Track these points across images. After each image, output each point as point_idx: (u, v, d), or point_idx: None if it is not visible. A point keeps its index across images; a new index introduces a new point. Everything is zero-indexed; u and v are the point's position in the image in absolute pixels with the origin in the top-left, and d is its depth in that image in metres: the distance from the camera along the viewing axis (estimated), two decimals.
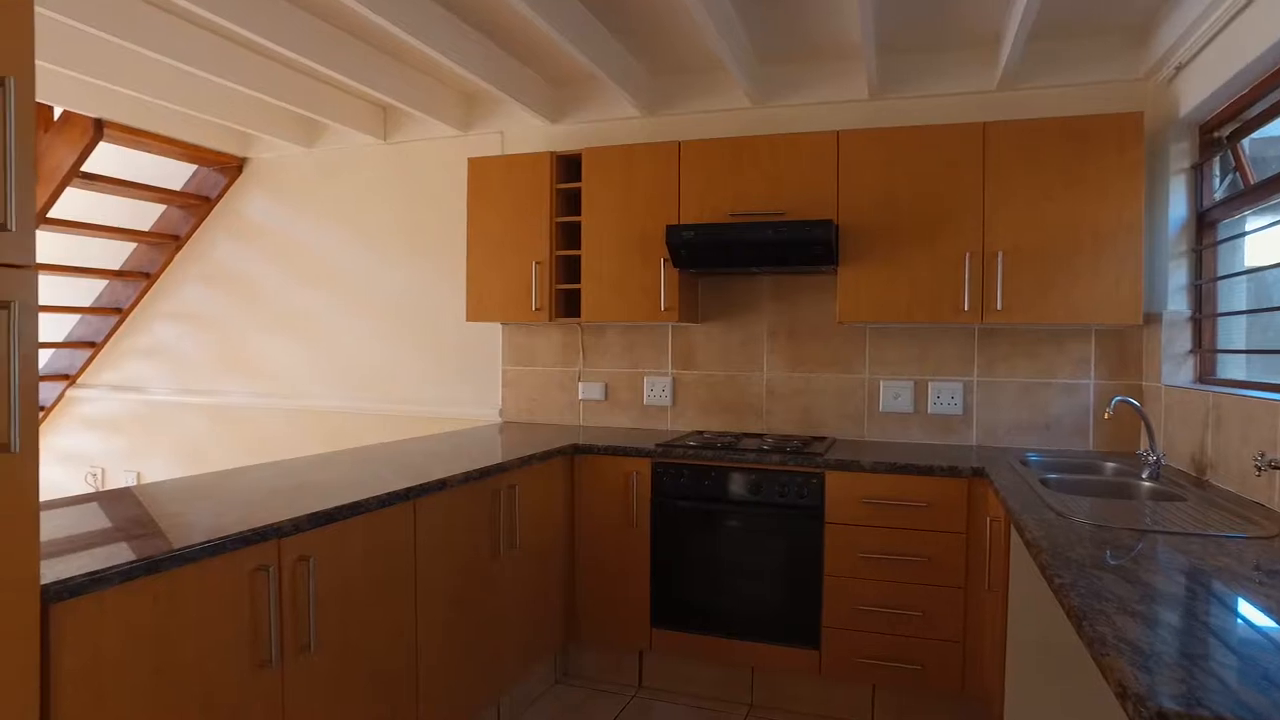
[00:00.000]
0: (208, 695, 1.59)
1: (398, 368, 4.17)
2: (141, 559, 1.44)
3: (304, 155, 4.37)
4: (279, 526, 1.72)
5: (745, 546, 3.00)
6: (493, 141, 3.97)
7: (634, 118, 3.74)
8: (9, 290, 1.19)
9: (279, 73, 3.53)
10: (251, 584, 1.67)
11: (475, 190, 3.63)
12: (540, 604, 2.95)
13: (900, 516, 2.79)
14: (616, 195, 3.41)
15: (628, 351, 3.75)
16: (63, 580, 1.30)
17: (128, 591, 1.42)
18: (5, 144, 1.17)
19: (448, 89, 3.85)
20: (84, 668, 1.35)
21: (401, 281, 4.16)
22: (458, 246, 4.01)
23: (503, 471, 2.63)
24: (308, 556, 1.80)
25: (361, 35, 3.25)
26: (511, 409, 3.95)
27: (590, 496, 3.18)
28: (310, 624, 1.81)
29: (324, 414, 4.32)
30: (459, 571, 2.43)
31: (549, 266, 3.50)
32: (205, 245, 4.61)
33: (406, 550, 2.18)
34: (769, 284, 3.57)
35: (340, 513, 1.89)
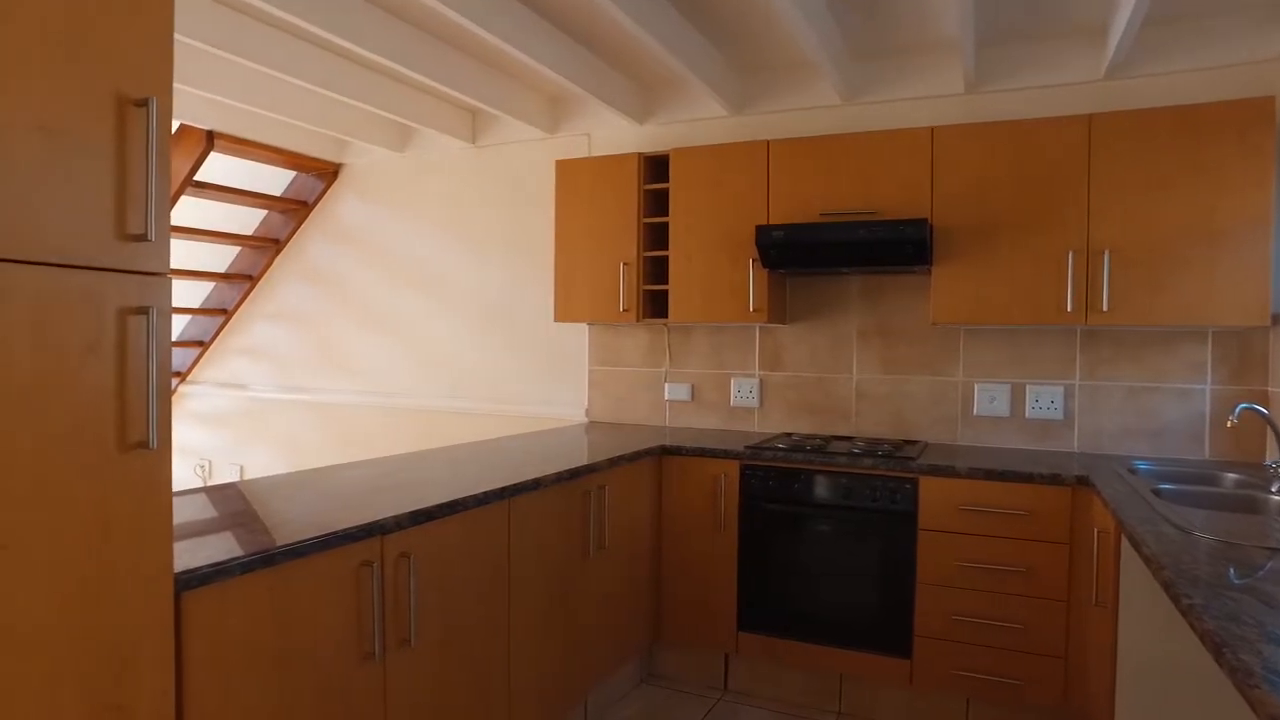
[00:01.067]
0: (318, 684, 1.65)
1: (487, 367, 4.26)
2: (258, 552, 1.50)
3: (396, 159, 4.51)
4: (382, 523, 1.77)
5: (835, 551, 2.95)
6: (579, 143, 4.01)
7: (721, 117, 3.72)
8: (148, 296, 1.26)
9: (373, 80, 3.64)
10: (357, 579, 1.73)
11: (563, 192, 3.67)
12: (627, 604, 2.97)
13: (999, 525, 2.69)
14: (704, 195, 3.40)
15: (715, 352, 3.74)
16: (191, 570, 1.37)
17: (246, 583, 1.48)
18: (148, 160, 1.24)
19: (535, 92, 3.91)
20: (210, 654, 1.42)
21: (490, 282, 4.24)
22: (545, 247, 4.07)
23: (593, 472, 2.65)
24: (409, 553, 1.85)
25: (452, 41, 3.32)
26: (598, 409, 3.99)
27: (677, 498, 3.18)
28: (411, 619, 1.86)
29: (416, 411, 4.44)
30: (550, 570, 2.46)
31: (636, 267, 3.51)
32: (303, 248, 4.80)
33: (501, 548, 2.22)
34: (859, 284, 3.50)
35: (439, 511, 1.94)
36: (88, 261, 1.19)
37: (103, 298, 1.21)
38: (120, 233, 1.23)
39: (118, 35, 1.23)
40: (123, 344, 1.23)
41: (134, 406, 1.24)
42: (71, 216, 1.17)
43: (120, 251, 1.23)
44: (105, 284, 1.21)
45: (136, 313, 1.24)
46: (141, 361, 1.25)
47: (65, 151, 1.17)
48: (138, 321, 1.25)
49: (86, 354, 1.19)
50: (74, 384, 1.18)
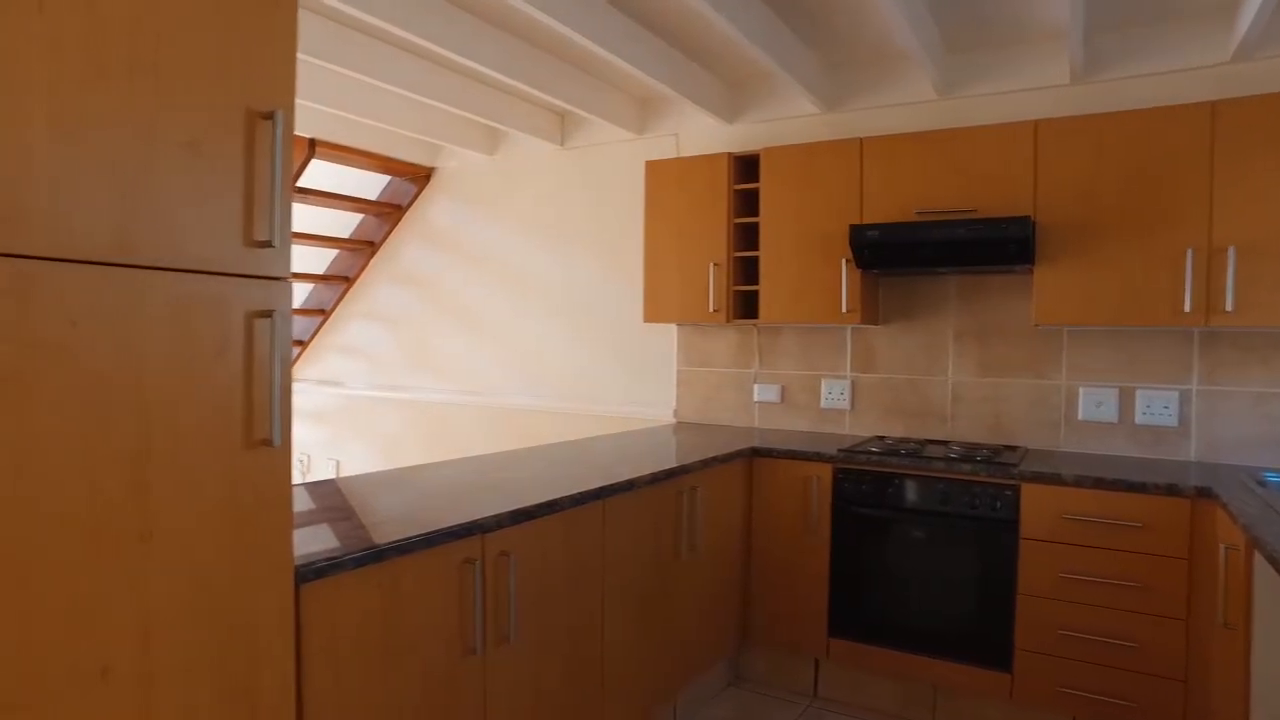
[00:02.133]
0: (423, 677, 1.69)
1: (574, 367, 4.30)
2: (370, 548, 1.55)
3: (486, 163, 4.59)
4: (483, 522, 1.81)
5: (930, 558, 2.86)
6: (668, 144, 4.01)
7: (812, 115, 3.65)
8: (271, 300, 1.31)
9: (465, 85, 3.71)
10: (460, 576, 1.76)
11: (652, 192, 3.68)
12: (716, 606, 2.95)
13: (1109, 536, 2.57)
14: (796, 195, 3.35)
15: (805, 353, 3.68)
16: (309, 563, 1.42)
17: (358, 577, 1.53)
18: (273, 170, 1.29)
19: (623, 94, 3.92)
20: (326, 644, 1.47)
21: (579, 283, 4.29)
22: (634, 249, 4.08)
23: (686, 473, 2.64)
24: (509, 551, 1.88)
25: (542, 45, 3.35)
26: (686, 409, 3.98)
27: (768, 500, 3.14)
28: (510, 616, 1.89)
29: (505, 410, 4.52)
30: (642, 570, 2.47)
31: (726, 268, 3.49)
32: (397, 250, 4.95)
33: (596, 548, 2.23)
34: (955, 284, 3.39)
35: (538, 510, 1.96)
36: (220, 268, 1.25)
37: (232, 302, 1.26)
38: (248, 239, 1.28)
39: (250, 53, 1.28)
40: (249, 346, 1.29)
41: (259, 405, 1.30)
42: (207, 226, 1.23)
43: (247, 258, 1.29)
44: (234, 289, 1.27)
45: (262, 316, 1.30)
46: (266, 362, 1.30)
47: (204, 165, 1.22)
48: (263, 324, 1.30)
49: (218, 355, 1.25)
50: (207, 383, 1.24)
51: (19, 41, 1.03)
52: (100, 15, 1.11)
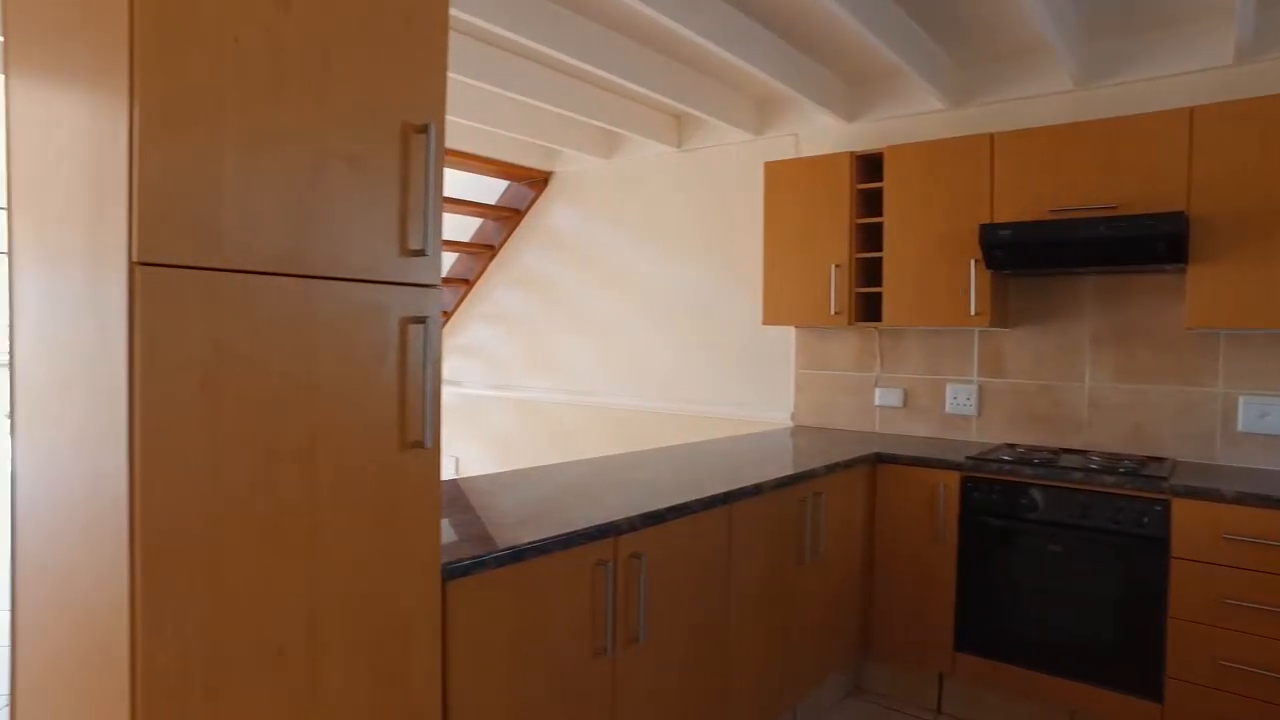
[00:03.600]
0: (555, 674, 1.73)
1: (690, 368, 4.30)
2: (510, 547, 1.59)
3: (603, 166, 4.66)
4: (617, 524, 1.83)
5: (1067, 574, 2.71)
6: (786, 144, 3.96)
7: (938, 111, 3.53)
8: (425, 306, 1.37)
9: (582, 90, 3.77)
10: (592, 577, 1.79)
11: (771, 194, 3.64)
12: (837, 614, 2.89)
13: (1278, 560, 2.37)
14: (921, 194, 3.24)
15: (929, 357, 3.56)
16: (455, 560, 1.47)
17: (499, 575, 1.58)
18: (427, 181, 1.35)
19: (741, 94, 3.90)
20: (469, 638, 1.52)
21: (694, 285, 4.29)
22: (750, 250, 4.05)
23: (811, 478, 2.60)
24: (640, 553, 1.90)
25: (659, 46, 3.35)
26: (803, 413, 3.92)
27: (892, 507, 3.05)
28: (640, 618, 1.91)
29: (617, 411, 4.57)
30: (766, 576, 2.44)
31: (848, 269, 3.41)
32: (515, 253, 5.08)
33: (722, 552, 2.22)
34: (1092, 285, 3.20)
35: (669, 513, 1.97)
36: (378, 276, 1.31)
37: (389, 309, 1.32)
38: (403, 248, 1.34)
39: (405, 69, 1.34)
40: (403, 351, 1.34)
41: (412, 408, 1.36)
42: (367, 236, 1.29)
43: (402, 266, 1.34)
44: (391, 296, 1.33)
45: (415, 322, 1.36)
46: (419, 367, 1.36)
47: (365, 178, 1.29)
48: (417, 330, 1.36)
49: (377, 360, 1.31)
50: (367, 387, 1.30)
51: (219, 70, 1.11)
52: (280, 41, 1.18)
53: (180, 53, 1.08)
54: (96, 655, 1.17)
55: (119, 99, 1.06)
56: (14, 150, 1.39)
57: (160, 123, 1.06)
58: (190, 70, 1.09)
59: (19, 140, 1.38)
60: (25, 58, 1.35)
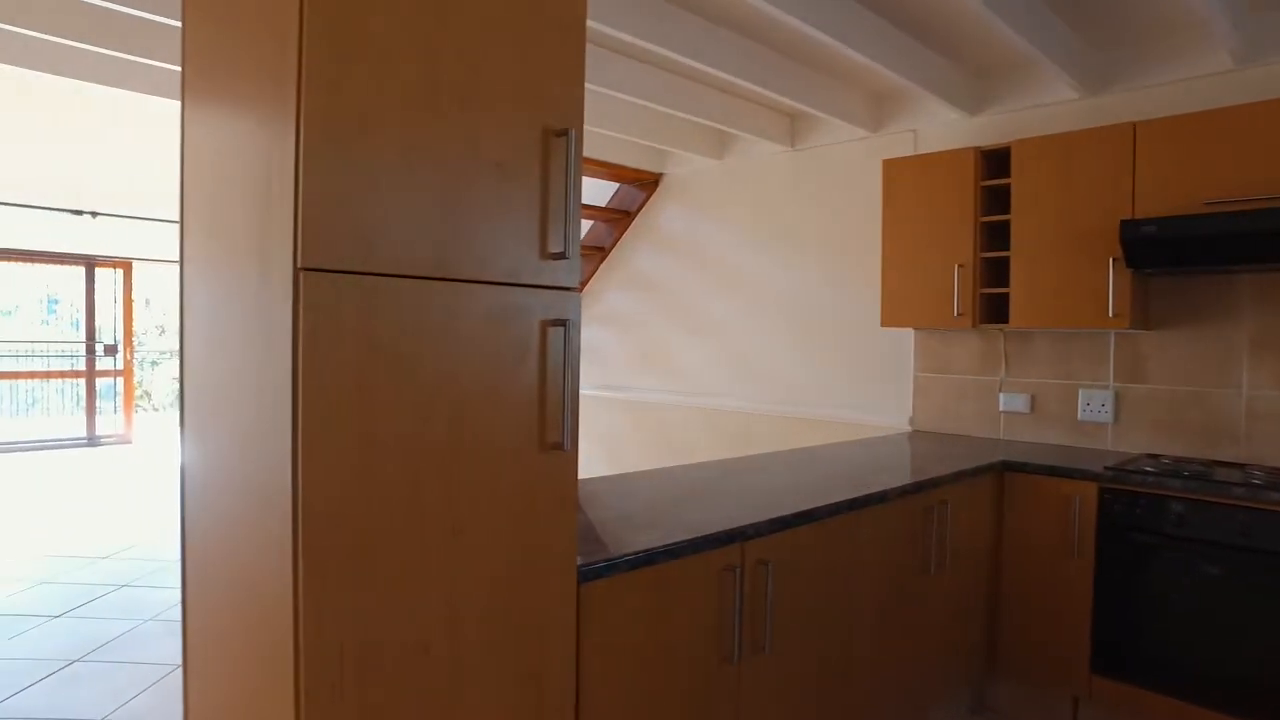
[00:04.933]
0: (683, 681, 1.71)
1: (804, 371, 4.22)
2: (642, 550, 1.58)
3: (714, 167, 4.63)
4: (745, 529, 1.80)
5: (1226, 599, 2.51)
6: (904, 141, 3.84)
7: (1071, 100, 3.34)
8: (565, 309, 1.38)
9: (693, 90, 3.74)
10: (720, 583, 1.77)
11: (890, 192, 3.53)
12: (961, 628, 2.77)
13: None
14: (1053, 189, 3.07)
15: (1059, 360, 3.37)
16: (589, 564, 1.48)
17: (631, 579, 1.57)
18: (567, 185, 1.36)
19: (857, 90, 3.80)
20: (601, 641, 1.53)
21: (807, 287, 4.21)
22: (866, 251, 3.94)
23: (937, 486, 2.50)
24: (766, 560, 1.86)
25: (771, 42, 3.28)
26: (922, 417, 3.78)
27: (1021, 518, 2.90)
28: (767, 627, 1.87)
29: (731, 414, 4.53)
30: (890, 586, 2.36)
31: (972, 269, 3.27)
32: (626, 255, 5.11)
33: (848, 560, 2.16)
34: (1249, 284, 2.96)
35: (795, 519, 1.93)
36: (520, 279, 1.33)
37: (530, 311, 1.34)
38: (543, 252, 1.35)
39: (545, 75, 1.35)
40: (543, 353, 1.36)
41: (552, 411, 1.37)
42: (510, 240, 1.31)
43: (543, 269, 1.36)
44: (532, 299, 1.34)
45: (555, 325, 1.37)
46: (559, 369, 1.37)
47: (509, 183, 1.31)
48: (557, 333, 1.37)
49: (518, 362, 1.33)
50: (509, 389, 1.32)
51: (378, 84, 1.14)
52: (435, 53, 1.21)
53: (343, 70, 1.11)
54: (261, 633, 1.22)
55: (286, 116, 1.11)
56: (188, 169, 1.48)
57: (323, 137, 1.10)
58: (352, 86, 1.12)
59: (192, 160, 1.48)
60: (201, 86, 1.44)
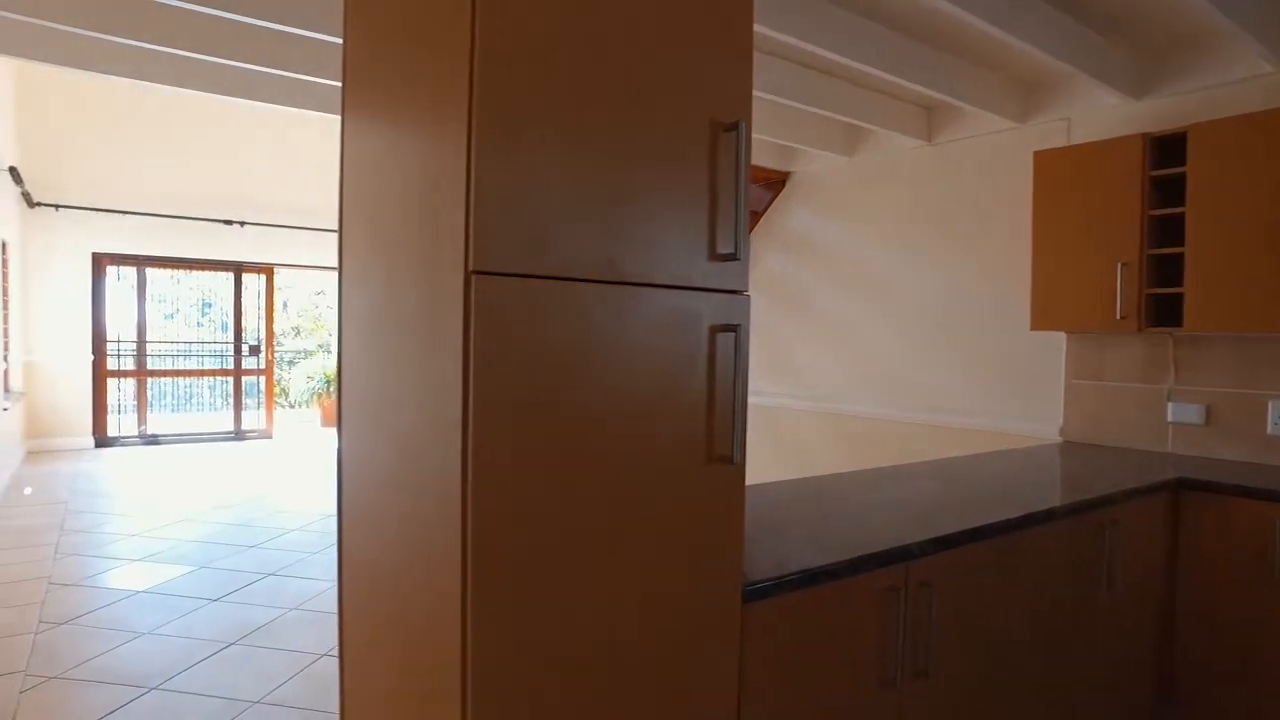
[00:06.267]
0: (843, 705, 1.61)
1: (938, 376, 4.02)
2: (803, 570, 1.50)
3: (844, 165, 4.47)
4: (908, 549, 1.68)
5: None
6: (1056, 130, 3.58)
7: (1263, 75, 3.01)
8: (735, 314, 1.31)
9: (824, 83, 3.60)
10: (881, 604, 1.66)
11: (1042, 186, 3.29)
12: (1132, 659, 2.54)
13: None
14: (1240, 177, 2.78)
15: (1242, 368, 3.06)
16: (754, 583, 1.40)
17: (794, 599, 1.49)
18: (737, 181, 1.29)
19: (1003, 77, 3.57)
20: (763, 663, 1.45)
21: (944, 288, 4.00)
22: (1009, 250, 3.70)
23: (1108, 505, 2.30)
24: (930, 581, 1.74)
25: (908, 28, 3.10)
26: (1075, 427, 3.52)
27: (1203, 542, 2.63)
28: (929, 650, 1.75)
29: (860, 420, 4.37)
30: (1055, 612, 2.18)
31: (1138, 267, 3.01)
32: (752, 256, 4.96)
33: (1011, 580, 2.00)
34: None
35: (960, 538, 1.80)
36: (689, 282, 1.27)
37: (699, 316, 1.28)
38: (711, 253, 1.29)
39: (712, 64, 1.29)
40: (712, 360, 1.29)
41: (721, 420, 1.30)
42: (678, 240, 1.25)
43: (711, 271, 1.29)
44: (701, 303, 1.28)
45: (725, 330, 1.30)
46: (729, 378, 1.30)
47: (675, 180, 1.25)
48: (726, 339, 1.30)
49: (686, 370, 1.27)
50: (677, 397, 1.26)
51: (546, 85, 1.11)
52: (603, 48, 1.16)
53: (512, 72, 1.08)
54: (423, 639, 1.21)
55: (455, 120, 1.09)
56: (348, 180, 1.50)
57: (493, 139, 1.08)
58: (520, 87, 1.09)
59: (352, 171, 1.49)
60: (361, 99, 1.45)
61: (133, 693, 2.86)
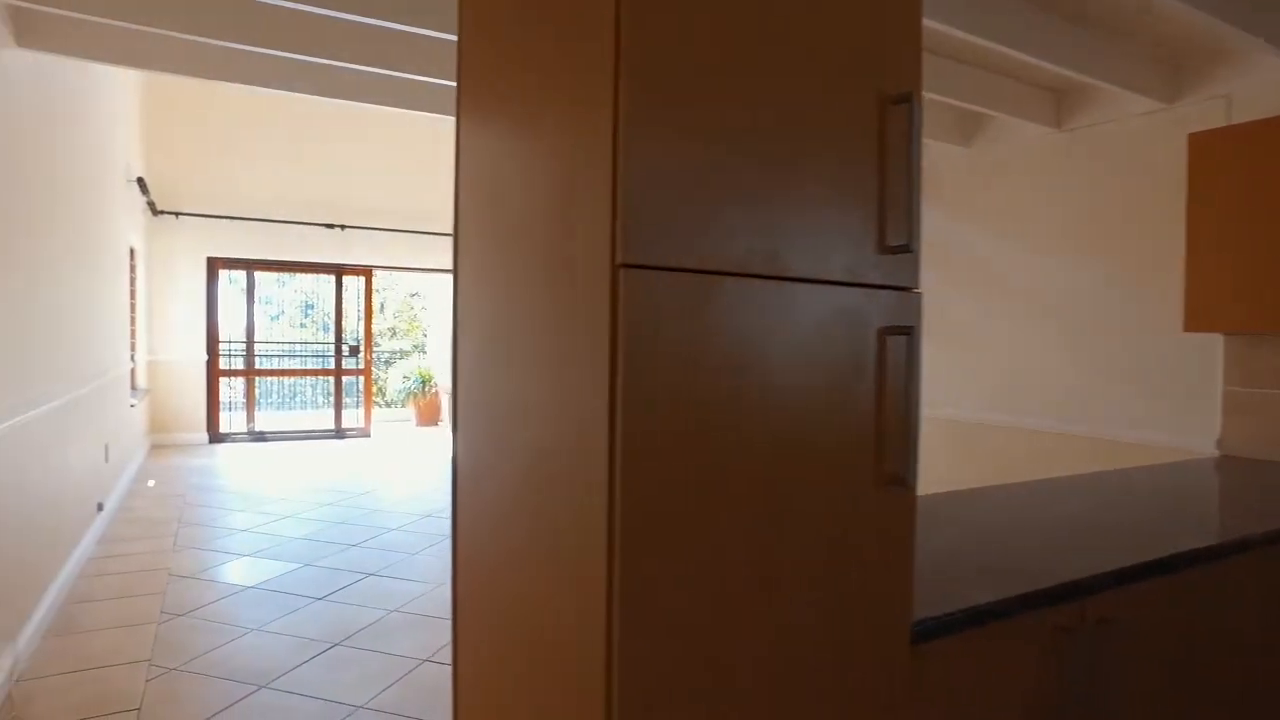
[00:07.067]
0: None
1: (1073, 383, 3.71)
2: (968, 607, 1.31)
3: (960, 155, 4.19)
4: (1083, 584, 1.47)
5: None
6: (1213, 110, 3.24)
7: None
8: (908, 314, 1.15)
9: (940, 66, 3.35)
10: (1054, 646, 1.45)
11: (1198, 172, 2.98)
12: None
13: None
14: None
15: None
16: (922, 621, 1.23)
17: (960, 641, 1.31)
18: (910, 161, 1.12)
19: (1148, 51, 3.24)
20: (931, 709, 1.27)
21: (1075, 286, 3.69)
22: (1152, 245, 3.38)
23: None
24: (1109, 619, 1.52)
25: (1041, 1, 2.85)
26: (1235, 440, 3.17)
27: None
28: (1106, 698, 1.53)
29: (979, 428, 4.09)
30: (1247, 656, 1.91)
31: None
32: None
33: (1199, 618, 1.76)
34: None
35: (1142, 572, 1.57)
36: (854, 277, 1.11)
37: (867, 316, 1.12)
38: (880, 244, 1.13)
39: (878, 26, 1.13)
40: (881, 367, 1.13)
41: (892, 436, 1.14)
42: (844, 230, 1.10)
43: (880, 265, 1.13)
44: (869, 301, 1.12)
45: (896, 333, 1.13)
46: (900, 387, 1.14)
47: (838, 161, 1.09)
48: (898, 343, 1.13)
49: (852, 377, 1.11)
50: (843, 407, 1.10)
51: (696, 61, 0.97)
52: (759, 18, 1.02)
53: (661, 51, 0.95)
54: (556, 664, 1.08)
55: (595, 103, 0.97)
56: (464, 180, 1.40)
57: (640, 125, 0.95)
58: (670, 65, 0.96)
59: (469, 169, 1.39)
60: (481, 92, 1.35)
61: (244, 689, 2.88)
